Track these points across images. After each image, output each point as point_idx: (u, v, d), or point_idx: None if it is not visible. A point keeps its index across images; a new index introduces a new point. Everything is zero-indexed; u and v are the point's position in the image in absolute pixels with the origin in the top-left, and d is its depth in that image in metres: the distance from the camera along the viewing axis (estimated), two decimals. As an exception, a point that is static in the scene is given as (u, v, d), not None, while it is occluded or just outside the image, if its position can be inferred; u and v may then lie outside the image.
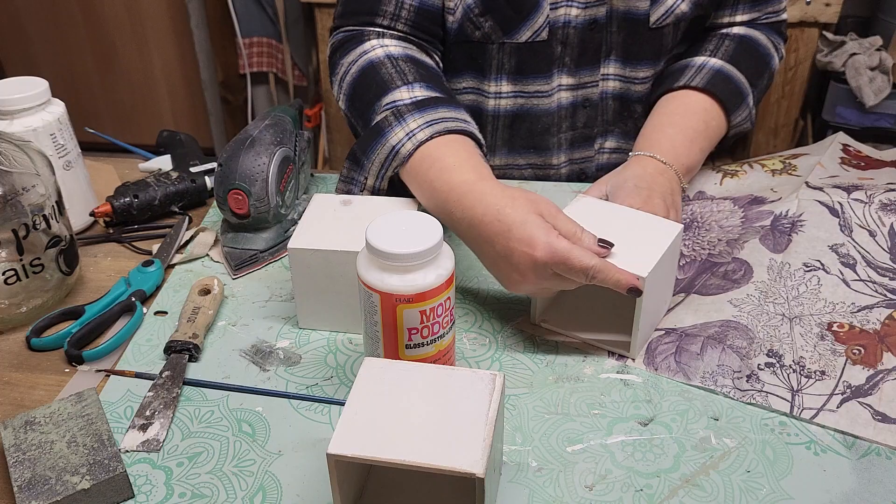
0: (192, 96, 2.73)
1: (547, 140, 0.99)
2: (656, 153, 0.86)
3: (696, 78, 0.93)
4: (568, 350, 0.71)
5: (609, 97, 0.98)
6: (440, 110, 0.78)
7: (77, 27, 2.64)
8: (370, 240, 0.58)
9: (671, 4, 0.91)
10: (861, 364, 0.67)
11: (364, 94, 0.83)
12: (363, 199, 0.75)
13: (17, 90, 0.81)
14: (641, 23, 0.92)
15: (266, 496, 0.58)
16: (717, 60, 0.95)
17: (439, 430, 0.50)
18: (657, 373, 0.68)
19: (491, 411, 0.51)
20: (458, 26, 0.91)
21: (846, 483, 0.58)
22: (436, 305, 0.59)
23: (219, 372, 0.69)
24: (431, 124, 0.76)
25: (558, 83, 0.95)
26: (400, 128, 0.76)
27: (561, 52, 0.93)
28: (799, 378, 0.66)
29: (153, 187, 0.90)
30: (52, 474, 0.56)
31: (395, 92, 0.80)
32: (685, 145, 0.88)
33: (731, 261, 0.79)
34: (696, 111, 0.92)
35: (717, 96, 0.92)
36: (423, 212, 0.63)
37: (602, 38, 0.93)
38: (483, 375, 0.54)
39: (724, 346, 0.69)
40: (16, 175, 0.71)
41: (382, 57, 0.83)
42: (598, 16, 0.91)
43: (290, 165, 0.84)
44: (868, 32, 2.16)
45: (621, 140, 1.03)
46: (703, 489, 0.58)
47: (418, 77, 0.82)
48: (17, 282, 0.73)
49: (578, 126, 0.99)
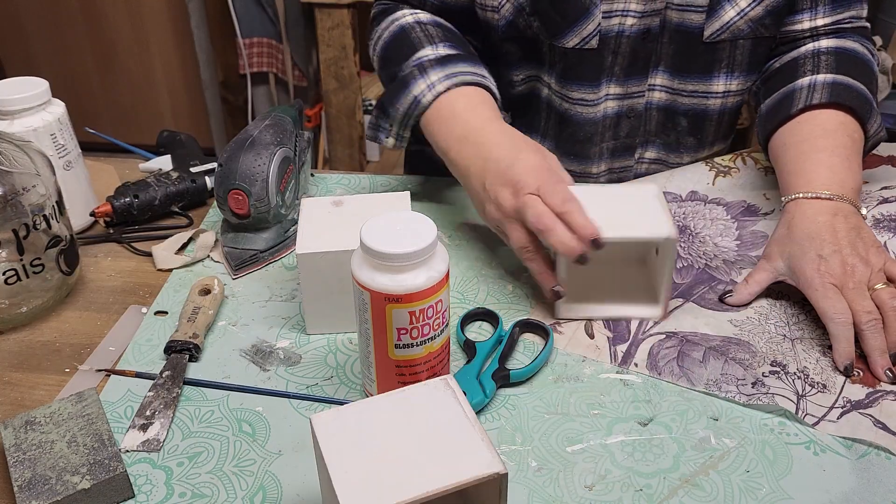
0: (193, 96, 2.73)
1: (588, 149, 0.97)
2: (818, 189, 0.75)
3: (815, 95, 0.83)
4: (568, 350, 0.71)
5: (654, 108, 0.96)
6: (460, 65, 0.84)
7: (77, 27, 2.64)
8: (364, 238, 0.58)
9: (728, 20, 0.86)
10: (860, 384, 0.67)
11: (394, 56, 0.88)
12: (352, 198, 0.75)
13: (17, 90, 0.81)
14: (695, 36, 0.89)
15: (266, 496, 0.58)
16: (824, 75, 0.85)
17: (437, 451, 0.48)
18: (660, 377, 0.68)
19: (468, 412, 0.51)
20: (508, 23, 0.90)
21: (846, 483, 0.58)
22: (426, 307, 0.59)
23: (219, 372, 0.69)
24: (450, 77, 0.82)
25: (606, 93, 0.93)
26: (423, 80, 0.83)
27: (612, 61, 0.91)
28: (804, 385, 0.66)
29: (153, 187, 0.90)
30: (52, 474, 0.56)
31: (421, 51, 0.86)
32: (844, 166, 0.77)
33: (728, 282, 0.79)
34: (835, 127, 0.81)
35: (848, 106, 0.82)
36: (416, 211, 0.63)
37: (653, 48, 0.90)
38: (435, 384, 0.52)
39: (726, 358, 0.69)
40: (16, 175, 0.71)
41: (412, 22, 0.90)
42: (653, 26, 0.89)
43: (290, 165, 0.84)
44: (868, 33, 2.16)
45: (661, 151, 1.00)
46: (702, 489, 0.58)
47: (443, 38, 0.87)
48: (18, 282, 0.74)
49: (621, 136, 0.97)
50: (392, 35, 0.90)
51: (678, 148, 0.99)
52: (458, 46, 0.87)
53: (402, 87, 0.84)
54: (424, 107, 0.82)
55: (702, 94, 0.94)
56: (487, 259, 0.83)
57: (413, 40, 0.87)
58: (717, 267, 0.81)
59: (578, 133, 0.96)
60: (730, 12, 0.86)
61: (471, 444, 0.49)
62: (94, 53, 2.69)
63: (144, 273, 0.83)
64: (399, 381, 0.62)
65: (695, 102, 0.95)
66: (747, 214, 0.88)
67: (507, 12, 0.89)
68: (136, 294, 0.80)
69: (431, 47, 0.86)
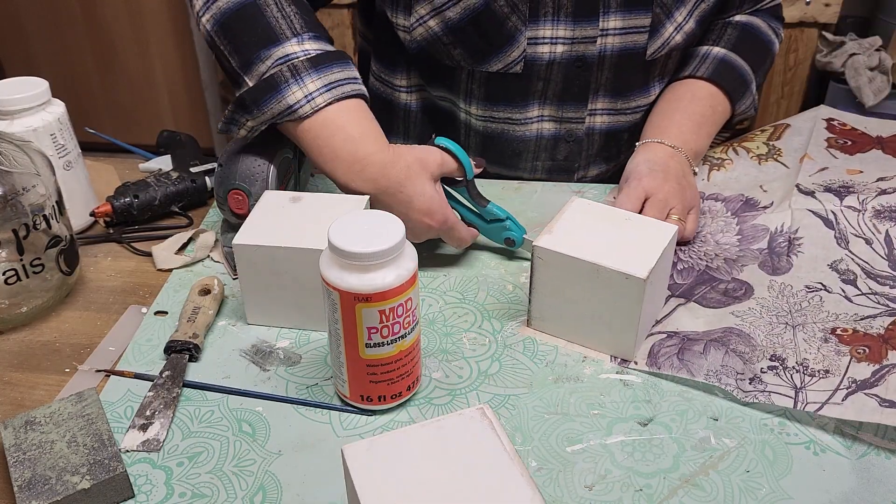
0: (192, 96, 2.73)
1: (518, 163, 0.99)
2: (665, 139, 0.89)
3: (701, 68, 0.95)
4: (568, 350, 0.71)
5: (596, 132, 0.97)
6: (335, 70, 0.76)
7: (77, 27, 2.64)
8: (332, 238, 0.58)
9: (667, 37, 0.91)
10: (866, 361, 0.67)
11: (243, 32, 0.78)
12: (313, 195, 0.76)
13: (17, 90, 0.81)
14: (637, 56, 0.91)
15: (266, 496, 0.58)
16: (720, 49, 0.96)
17: (475, 486, 0.46)
18: (660, 370, 0.68)
19: (506, 444, 0.49)
20: (422, 49, 0.90)
21: (846, 483, 0.58)
22: (395, 305, 0.59)
23: (219, 372, 0.69)
24: (330, 87, 0.75)
25: (539, 114, 0.94)
26: (297, 87, 0.75)
27: (543, 87, 0.92)
28: (802, 377, 0.66)
29: (153, 187, 0.90)
30: (52, 474, 0.56)
31: (286, 45, 0.76)
32: (693, 130, 0.91)
33: (730, 280, 0.79)
34: (702, 97, 0.94)
35: (722, 86, 0.94)
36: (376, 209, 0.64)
37: (590, 75, 0.92)
38: (472, 414, 0.51)
39: (727, 349, 0.69)
40: (16, 175, 0.71)
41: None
42: (587, 53, 0.89)
43: (290, 166, 0.84)
44: (867, 32, 2.16)
45: (603, 166, 1.02)
46: (702, 489, 0.58)
47: (305, 26, 0.78)
48: (18, 282, 0.74)
49: (559, 158, 0.99)
50: (240, 3, 0.77)
51: (619, 160, 1.02)
52: (321, 37, 0.79)
53: (271, 89, 0.75)
54: (300, 117, 0.75)
55: (643, 108, 0.98)
56: (487, 259, 0.83)
57: (270, 21, 0.77)
58: (717, 267, 0.81)
59: (507, 148, 0.97)
60: (669, 28, 0.90)
61: (511, 478, 0.46)
62: (94, 53, 2.69)
63: (144, 273, 0.83)
64: (370, 380, 0.62)
65: (637, 117, 0.98)
66: (747, 209, 0.88)
67: (420, 37, 0.89)
68: (136, 294, 0.80)
69: (296, 40, 0.76)
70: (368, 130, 0.77)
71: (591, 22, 0.88)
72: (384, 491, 0.46)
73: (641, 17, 0.88)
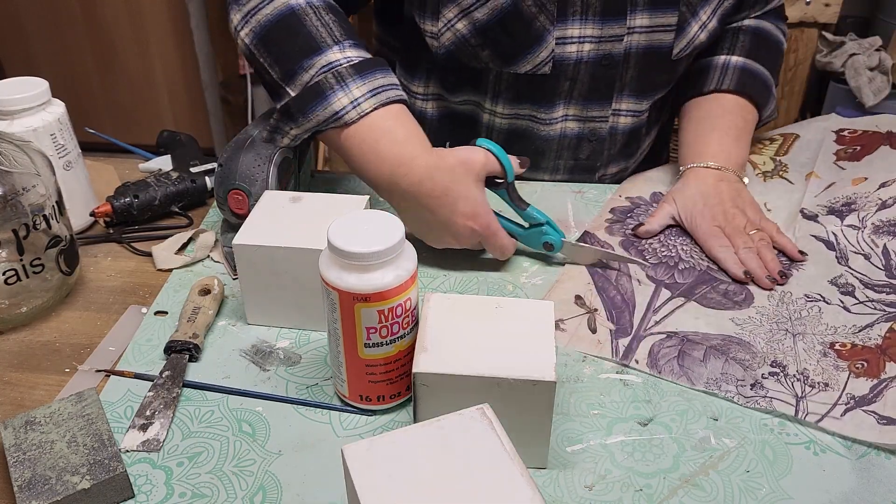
0: (193, 96, 2.73)
1: (541, 162, 0.98)
2: (709, 161, 0.89)
3: (725, 80, 0.95)
4: (568, 350, 0.71)
5: (619, 132, 0.97)
6: (378, 76, 0.77)
7: (77, 27, 2.64)
8: (331, 237, 0.58)
9: (692, 36, 0.90)
10: (864, 376, 0.67)
11: (285, 43, 0.78)
12: (313, 195, 0.76)
13: (17, 90, 0.81)
14: (663, 55, 0.91)
15: (266, 496, 0.58)
16: (738, 58, 0.96)
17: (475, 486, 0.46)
18: (660, 375, 0.68)
19: (506, 444, 0.48)
20: (449, 53, 0.90)
21: (846, 483, 0.58)
22: (394, 306, 0.59)
23: (219, 372, 0.69)
24: (375, 93, 0.76)
25: (564, 113, 0.94)
26: (343, 93, 0.76)
27: (569, 87, 0.92)
28: (803, 386, 0.66)
29: (153, 187, 0.90)
30: (52, 474, 0.56)
31: (328, 53, 0.77)
32: (733, 144, 0.91)
33: (729, 282, 0.79)
34: (732, 109, 0.94)
35: (749, 95, 0.95)
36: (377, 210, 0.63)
37: (616, 73, 0.91)
38: (472, 414, 0.50)
39: (727, 357, 0.69)
40: (16, 175, 0.71)
41: (304, 4, 0.79)
42: (614, 51, 0.89)
43: (290, 166, 0.84)
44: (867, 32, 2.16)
45: (622, 163, 1.02)
46: (702, 489, 0.58)
47: (344, 34, 0.79)
48: (18, 282, 0.74)
49: (581, 157, 0.98)
50: (279, 14, 0.78)
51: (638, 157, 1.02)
52: (359, 44, 0.79)
53: (316, 96, 0.76)
54: (346, 123, 0.76)
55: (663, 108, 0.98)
56: (487, 259, 0.83)
57: (311, 30, 0.78)
58: (718, 269, 0.81)
59: (530, 146, 0.97)
60: (694, 27, 0.90)
61: (510, 478, 0.46)
62: (94, 53, 2.69)
63: (144, 273, 0.83)
64: (369, 380, 0.62)
65: (656, 114, 0.98)
66: None
67: (448, 41, 0.89)
68: (136, 294, 0.80)
69: (338, 47, 0.77)
70: (413, 134, 0.77)
71: (618, 20, 0.88)
72: (384, 491, 0.46)
73: (668, 15, 0.88)
